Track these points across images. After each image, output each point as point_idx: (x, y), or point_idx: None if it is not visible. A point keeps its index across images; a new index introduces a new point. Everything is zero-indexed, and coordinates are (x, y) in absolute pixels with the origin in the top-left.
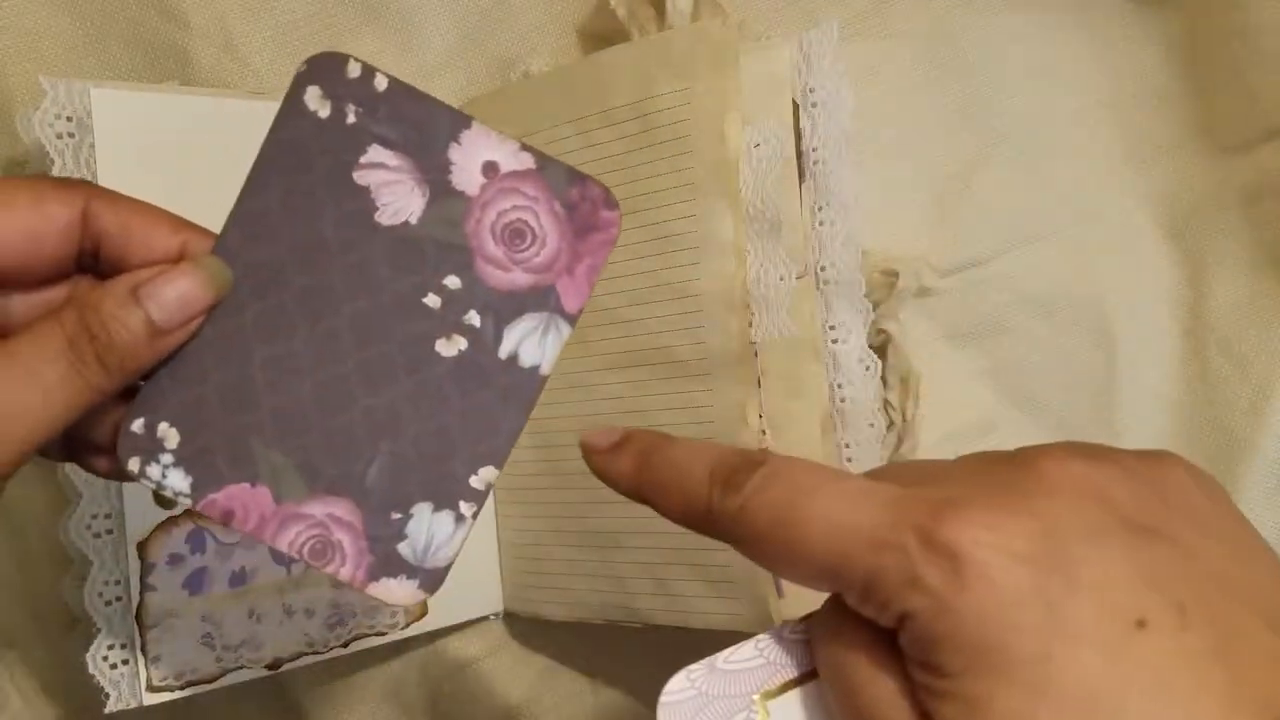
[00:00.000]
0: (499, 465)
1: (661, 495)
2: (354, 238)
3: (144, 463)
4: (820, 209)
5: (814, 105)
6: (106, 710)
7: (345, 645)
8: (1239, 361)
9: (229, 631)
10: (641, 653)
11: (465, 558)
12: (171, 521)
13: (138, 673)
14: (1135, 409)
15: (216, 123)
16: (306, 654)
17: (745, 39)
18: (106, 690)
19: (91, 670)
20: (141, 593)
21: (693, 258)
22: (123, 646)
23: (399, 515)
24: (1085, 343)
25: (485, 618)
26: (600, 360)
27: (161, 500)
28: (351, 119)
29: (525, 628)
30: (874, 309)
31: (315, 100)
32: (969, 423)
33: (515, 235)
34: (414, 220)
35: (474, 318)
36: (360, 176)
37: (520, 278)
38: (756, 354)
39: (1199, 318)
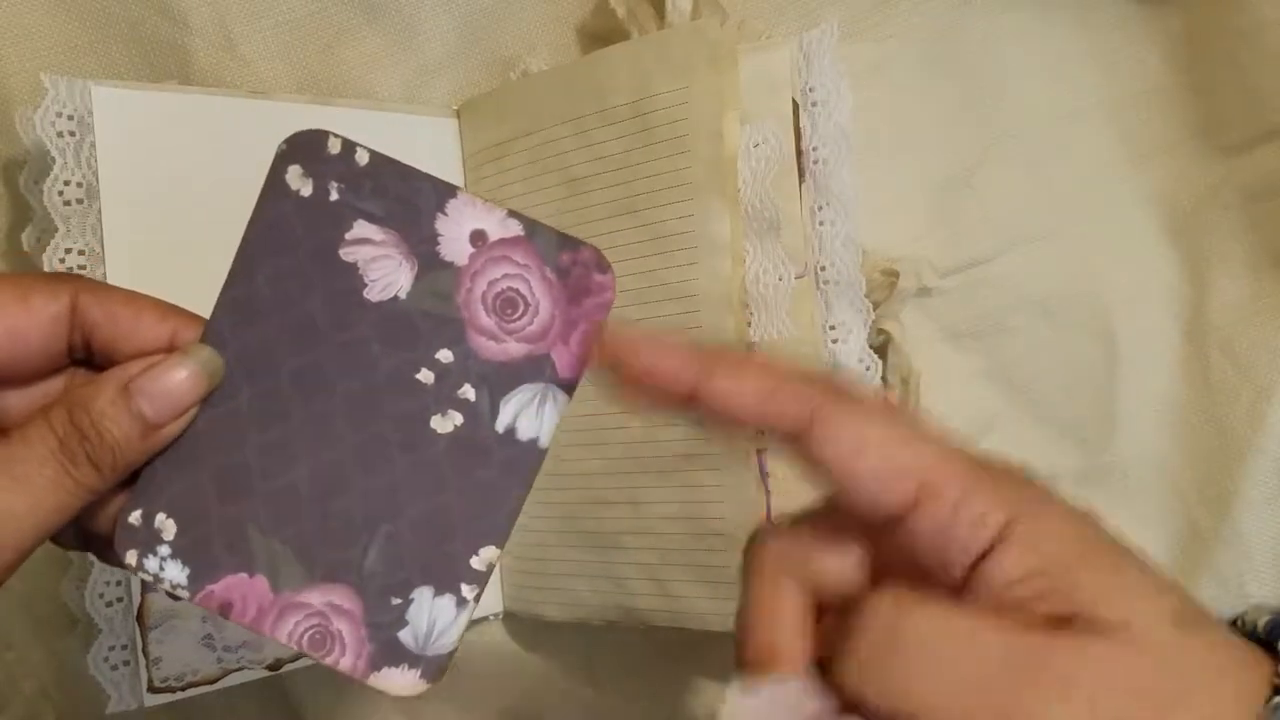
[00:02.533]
0: (500, 544)
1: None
2: (344, 316)
3: (141, 555)
4: (820, 209)
5: (814, 105)
6: (108, 711)
7: None
8: (1240, 361)
9: (230, 632)
10: (641, 654)
11: None
12: None
13: (139, 673)
14: (1135, 409)
15: (218, 121)
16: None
17: (745, 38)
18: (108, 691)
19: (92, 671)
20: (142, 593)
21: (690, 257)
22: (124, 647)
23: (399, 600)
24: (1085, 342)
25: (485, 618)
26: None
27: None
28: (334, 196)
29: (525, 628)
30: (874, 309)
31: (297, 179)
32: (968, 422)
33: (507, 305)
34: (403, 295)
35: (469, 392)
36: (347, 253)
37: (514, 348)
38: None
39: (1200, 317)
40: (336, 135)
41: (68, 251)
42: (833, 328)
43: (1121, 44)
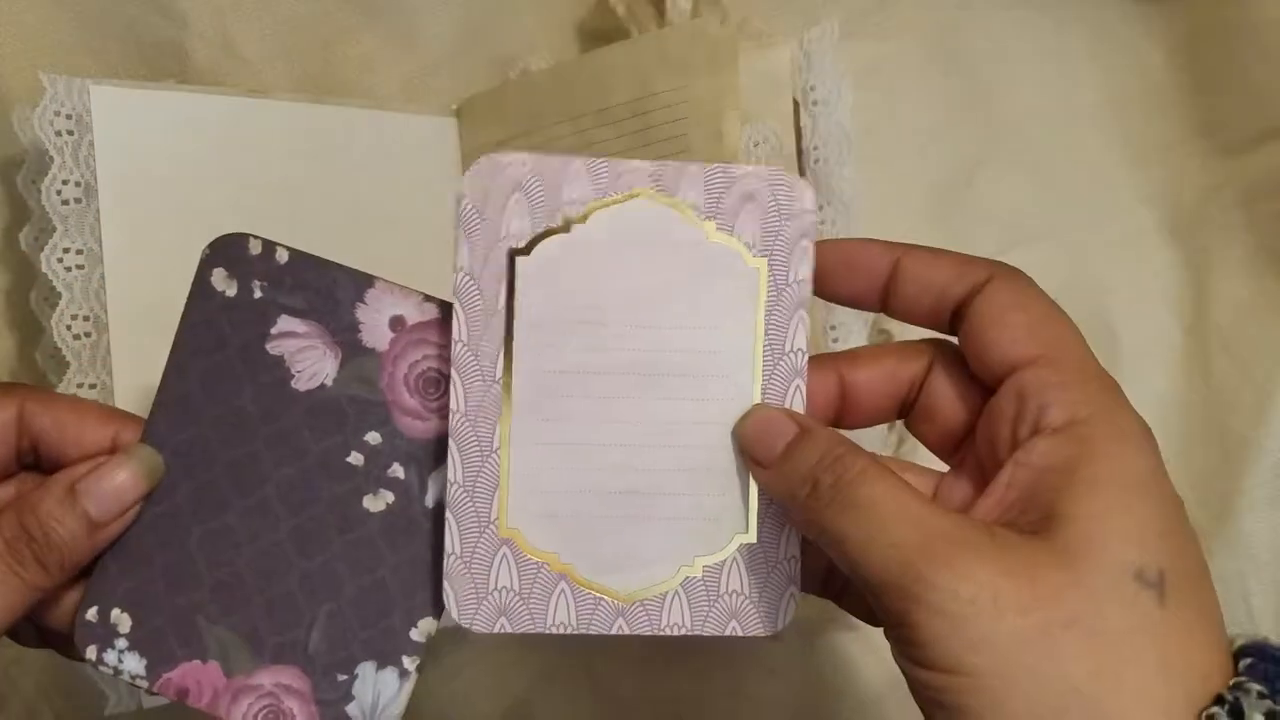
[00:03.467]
0: (437, 615)
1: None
2: (273, 407)
3: (100, 650)
4: (821, 208)
5: (814, 104)
6: (106, 712)
7: None
8: (1241, 361)
9: None
10: (641, 654)
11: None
12: None
13: None
14: (1137, 408)
15: (216, 120)
16: None
17: (745, 37)
18: (106, 692)
19: (91, 671)
20: None
21: None
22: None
23: (344, 677)
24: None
25: None
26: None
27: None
28: (258, 294)
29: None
30: None
31: (221, 281)
32: None
33: (429, 384)
34: (329, 382)
35: (398, 470)
36: (273, 347)
37: (439, 425)
38: None
39: (1201, 317)
40: (256, 237)
41: (65, 251)
42: (833, 328)
43: (1122, 44)
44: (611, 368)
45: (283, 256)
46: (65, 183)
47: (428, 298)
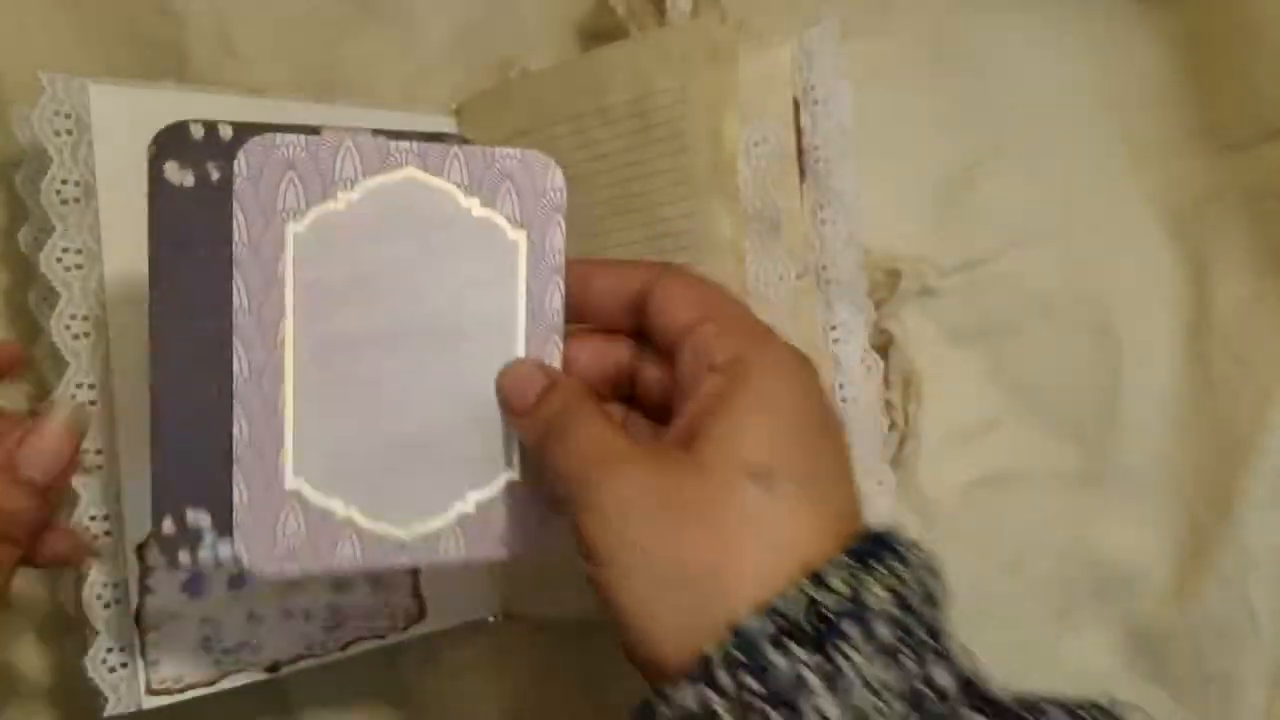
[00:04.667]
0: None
1: None
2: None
3: (192, 553)
4: (821, 208)
5: (815, 103)
6: (105, 714)
7: (344, 648)
8: (1242, 361)
9: (228, 633)
10: None
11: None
12: None
13: (137, 675)
14: (1138, 409)
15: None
16: (305, 656)
17: (744, 37)
18: (105, 693)
19: (90, 674)
20: (140, 595)
21: (692, 256)
22: (121, 649)
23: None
24: (1087, 342)
25: (483, 620)
26: None
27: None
28: (215, 175)
29: (525, 628)
30: (876, 309)
31: (175, 173)
32: (971, 423)
33: None
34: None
35: None
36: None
37: None
38: None
39: (1202, 317)
40: (196, 122)
41: (65, 250)
42: (834, 328)
43: (1122, 43)
44: (386, 330)
45: (227, 133)
46: (64, 182)
47: (376, 132)
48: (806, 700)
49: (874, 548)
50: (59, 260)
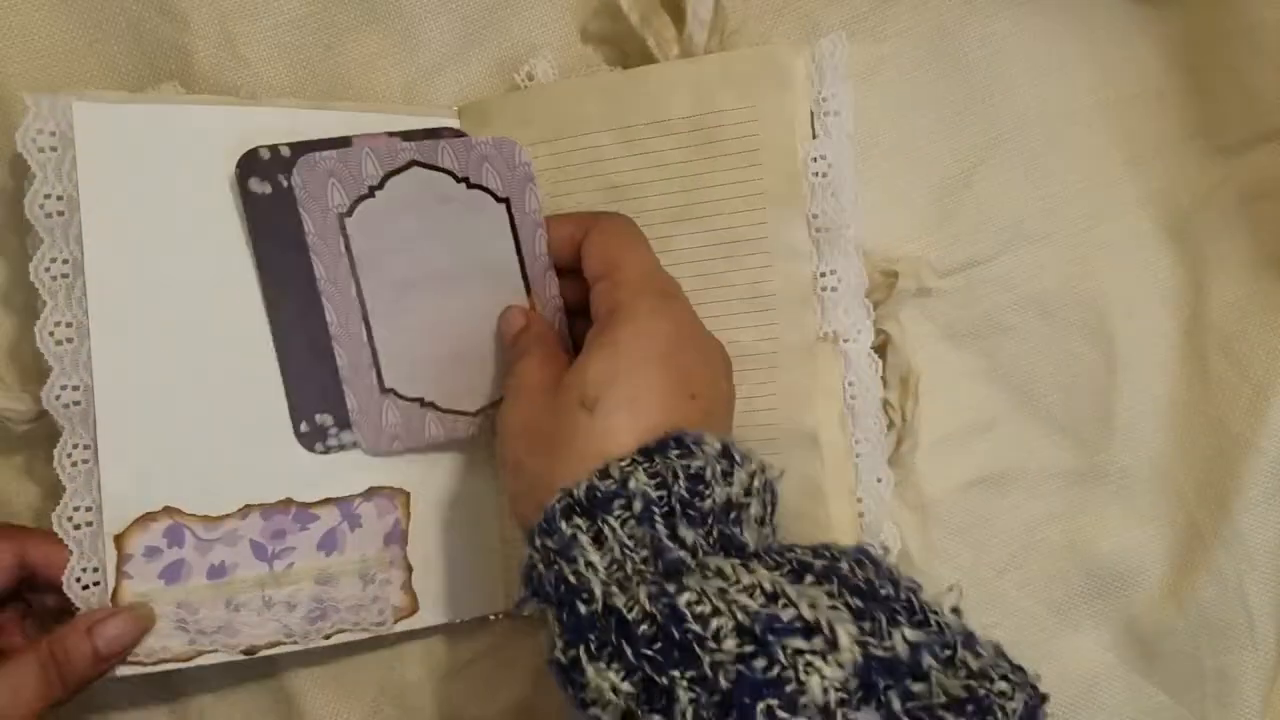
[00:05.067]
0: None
1: None
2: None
3: (324, 444)
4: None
5: (827, 115)
6: None
7: (327, 638)
8: (1238, 361)
9: (205, 618)
10: None
11: (464, 553)
12: (149, 517)
13: None
14: (1135, 408)
15: (200, 133)
16: (284, 643)
17: (745, 40)
18: None
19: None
20: (117, 580)
21: (763, 261)
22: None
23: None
24: (1084, 342)
25: (487, 617)
26: None
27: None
28: (285, 183)
29: (524, 626)
30: (874, 309)
31: (258, 185)
32: (968, 422)
33: None
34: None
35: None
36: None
37: None
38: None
39: (1198, 317)
40: (264, 146)
41: (53, 261)
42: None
43: (1121, 45)
44: (427, 279)
45: (285, 151)
46: (48, 197)
47: (391, 134)
48: (580, 553)
49: (660, 446)
50: (47, 270)
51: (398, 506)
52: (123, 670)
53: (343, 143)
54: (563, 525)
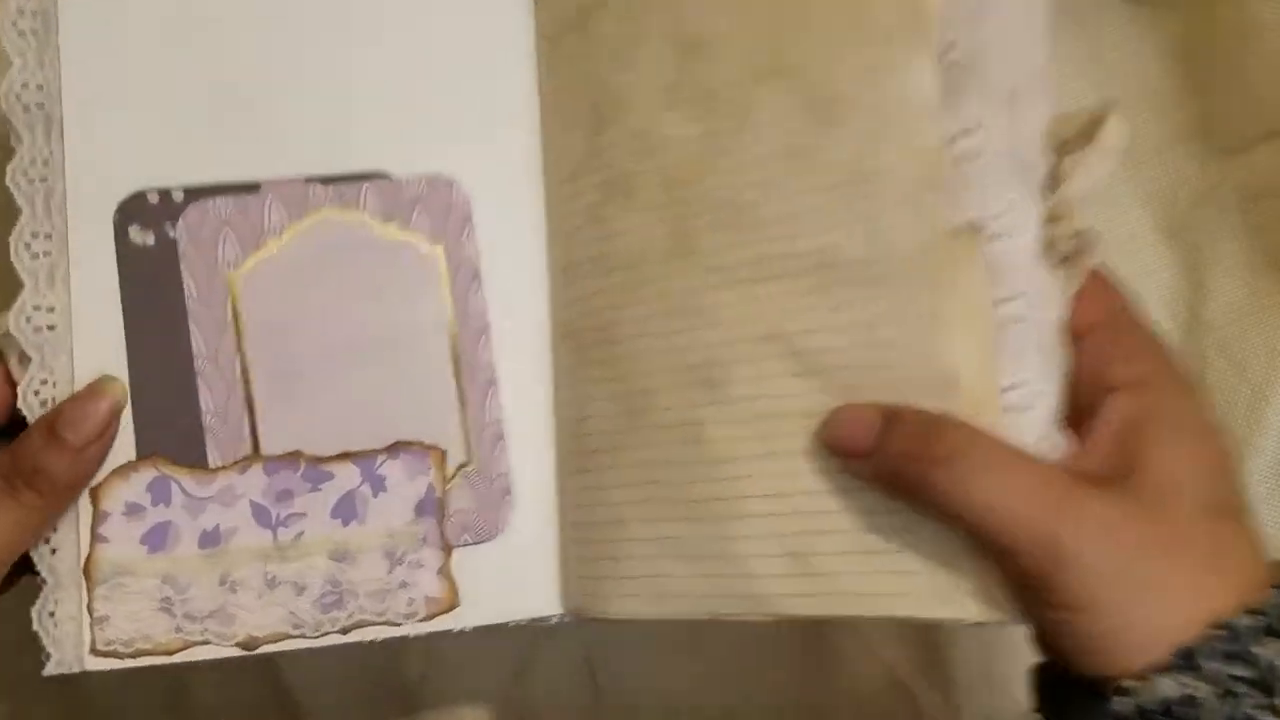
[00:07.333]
0: None
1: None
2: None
3: None
4: None
5: None
6: (45, 673)
7: (344, 632)
8: (1237, 361)
9: (195, 599)
10: (646, 650)
11: (513, 545)
12: (130, 466)
13: (81, 632)
14: None
15: (192, 16)
16: (292, 636)
17: None
18: (48, 649)
19: (35, 626)
20: (92, 544)
21: (871, 124)
22: (69, 602)
23: None
24: None
25: (544, 619)
26: (715, 276)
27: None
28: (171, 234)
29: (597, 626)
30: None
31: (138, 235)
32: None
33: None
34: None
35: None
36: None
37: None
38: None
39: (1197, 318)
40: (151, 190)
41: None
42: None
43: (1120, 45)
44: (331, 350)
45: (179, 196)
46: (25, 86)
47: (308, 180)
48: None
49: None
50: (24, 174)
51: (431, 466)
52: (93, 664)
53: (250, 189)
54: (1255, 647)
